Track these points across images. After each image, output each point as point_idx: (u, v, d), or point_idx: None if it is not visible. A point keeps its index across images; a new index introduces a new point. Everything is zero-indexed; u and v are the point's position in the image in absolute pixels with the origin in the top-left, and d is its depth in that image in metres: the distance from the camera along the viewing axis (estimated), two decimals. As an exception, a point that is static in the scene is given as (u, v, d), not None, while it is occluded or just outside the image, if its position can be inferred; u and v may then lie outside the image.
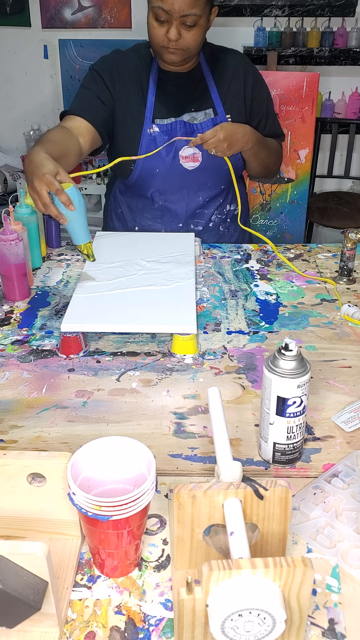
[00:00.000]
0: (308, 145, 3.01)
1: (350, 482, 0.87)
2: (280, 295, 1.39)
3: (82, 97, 1.58)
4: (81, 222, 1.31)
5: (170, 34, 1.41)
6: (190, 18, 1.39)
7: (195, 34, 1.43)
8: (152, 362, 1.15)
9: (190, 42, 1.44)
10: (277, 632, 0.60)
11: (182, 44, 1.44)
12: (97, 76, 1.57)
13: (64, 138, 1.46)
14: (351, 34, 3.34)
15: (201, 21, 1.42)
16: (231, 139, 1.46)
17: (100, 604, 0.71)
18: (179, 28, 1.41)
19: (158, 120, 1.57)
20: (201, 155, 1.58)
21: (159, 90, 1.57)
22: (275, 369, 0.83)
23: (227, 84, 1.59)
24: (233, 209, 1.73)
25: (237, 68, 1.61)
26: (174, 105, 1.57)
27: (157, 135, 1.56)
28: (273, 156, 1.69)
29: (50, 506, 0.75)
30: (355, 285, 1.43)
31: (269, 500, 0.68)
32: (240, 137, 1.49)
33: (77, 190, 1.27)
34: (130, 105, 1.57)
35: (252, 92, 1.62)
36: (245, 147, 1.52)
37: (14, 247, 1.29)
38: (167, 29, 1.42)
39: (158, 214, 1.68)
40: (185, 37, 1.43)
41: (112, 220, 1.79)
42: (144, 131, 1.56)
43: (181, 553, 0.72)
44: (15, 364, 1.15)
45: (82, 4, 3.47)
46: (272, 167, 1.71)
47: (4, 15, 3.52)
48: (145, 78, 1.57)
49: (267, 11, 3.38)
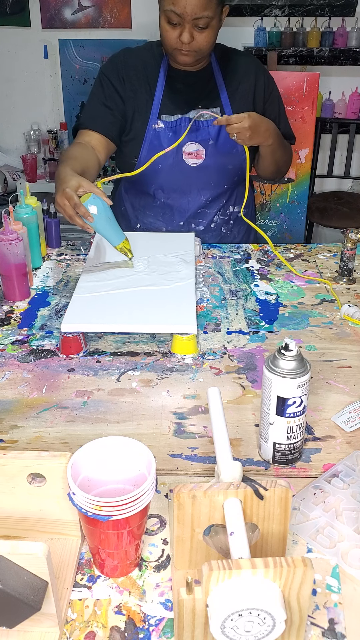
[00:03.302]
0: (308, 145, 3.02)
1: (350, 482, 0.87)
2: (280, 295, 1.39)
3: (91, 108, 1.60)
4: (108, 227, 1.37)
5: (183, 37, 1.41)
6: (202, 20, 1.39)
7: (208, 36, 1.43)
8: (152, 362, 1.15)
9: (202, 44, 1.44)
10: (277, 632, 0.59)
11: (194, 46, 1.44)
12: (105, 80, 1.58)
13: (83, 153, 1.52)
14: (351, 34, 3.34)
15: (213, 22, 1.42)
16: (255, 129, 1.44)
17: (100, 604, 0.71)
18: (191, 31, 1.41)
19: (164, 116, 1.57)
20: (204, 152, 1.58)
21: (167, 87, 1.57)
22: (275, 369, 0.83)
23: (237, 84, 1.59)
24: (237, 210, 1.72)
25: (248, 70, 1.61)
26: (182, 103, 1.58)
27: (162, 131, 1.57)
28: (286, 157, 1.69)
29: (50, 506, 0.75)
30: (355, 285, 1.43)
31: (269, 500, 0.68)
32: (263, 131, 1.48)
33: (98, 199, 1.32)
34: (138, 101, 1.57)
35: (264, 94, 1.62)
36: (265, 141, 1.51)
37: (14, 247, 1.29)
38: (179, 31, 1.41)
39: (160, 211, 1.68)
40: (197, 39, 1.43)
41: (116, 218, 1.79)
42: (148, 126, 1.57)
43: (181, 553, 0.72)
44: (15, 364, 1.15)
45: (82, 4, 3.47)
46: (283, 168, 1.71)
47: (4, 15, 3.52)
48: (155, 74, 1.57)
49: (267, 11, 3.38)
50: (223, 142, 1.58)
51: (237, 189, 1.70)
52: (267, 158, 1.62)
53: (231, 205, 1.71)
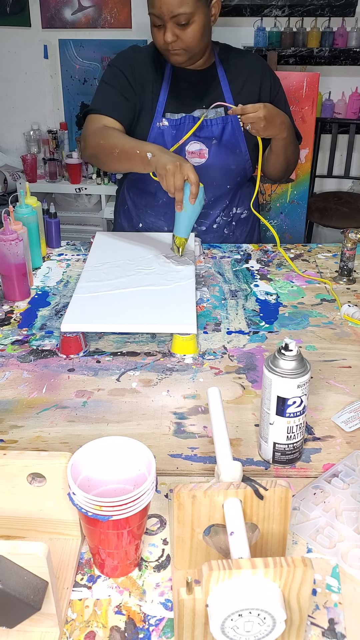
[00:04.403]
0: (308, 145, 3.02)
1: (350, 482, 0.87)
2: (280, 295, 1.39)
3: (106, 95, 1.58)
4: (191, 218, 1.40)
5: (166, 37, 1.43)
6: (182, 17, 1.40)
7: (193, 32, 1.43)
8: (152, 362, 1.15)
9: (188, 41, 1.44)
10: (277, 632, 0.59)
11: (181, 44, 1.44)
12: (118, 72, 1.57)
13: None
14: (351, 34, 3.34)
15: (196, 18, 1.42)
16: (270, 120, 1.43)
17: (100, 604, 0.71)
18: (173, 29, 1.42)
19: (169, 114, 1.58)
20: (208, 152, 1.58)
21: (172, 85, 1.58)
22: (275, 369, 0.83)
23: (241, 85, 1.59)
24: (240, 212, 1.72)
25: (254, 70, 1.61)
26: (186, 101, 1.58)
27: (166, 129, 1.57)
28: (296, 155, 1.68)
29: (50, 506, 0.75)
30: (355, 285, 1.43)
31: (269, 500, 0.68)
32: (278, 123, 1.47)
33: (203, 192, 1.37)
34: (145, 99, 1.58)
35: (270, 94, 1.62)
36: (280, 134, 1.50)
37: (14, 247, 1.29)
38: (164, 32, 1.43)
39: (161, 211, 1.68)
40: (182, 36, 1.43)
41: (119, 217, 1.80)
42: (153, 124, 1.57)
43: (181, 553, 0.72)
44: (15, 364, 1.15)
45: (82, 4, 3.47)
46: (292, 166, 1.69)
47: (4, 15, 3.52)
48: (160, 73, 1.58)
49: (267, 11, 3.38)
50: (226, 142, 1.58)
51: (241, 190, 1.70)
52: (280, 154, 1.60)
53: (234, 207, 1.71)
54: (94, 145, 1.50)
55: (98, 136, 1.50)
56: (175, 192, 1.32)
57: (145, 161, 1.37)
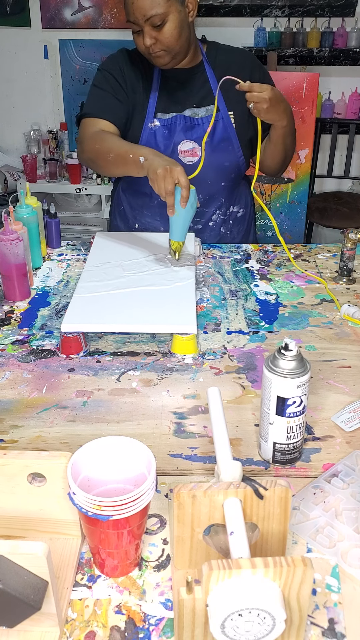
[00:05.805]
0: (308, 146, 3.02)
1: (350, 482, 0.87)
2: (280, 295, 1.39)
3: (99, 98, 1.58)
4: (184, 222, 1.38)
5: (145, 41, 1.44)
6: (155, 18, 1.41)
7: (169, 31, 1.44)
8: (152, 362, 1.16)
9: (166, 41, 1.45)
10: (277, 632, 0.60)
11: (160, 45, 1.45)
12: (108, 75, 1.58)
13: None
14: (351, 34, 3.34)
15: (170, 17, 1.42)
16: (274, 104, 1.42)
17: (101, 603, 0.71)
18: (150, 32, 1.43)
19: (160, 114, 1.58)
20: (200, 150, 1.58)
21: (162, 85, 1.58)
22: (275, 369, 0.83)
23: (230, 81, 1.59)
24: (236, 210, 1.72)
25: (243, 67, 1.60)
26: (177, 101, 1.58)
27: (157, 129, 1.57)
28: (293, 148, 1.67)
29: (51, 506, 0.75)
30: (355, 285, 1.43)
31: (269, 500, 0.68)
32: (281, 110, 1.46)
33: (195, 195, 1.35)
34: (136, 100, 1.58)
35: None
36: (280, 121, 1.49)
37: (14, 247, 1.29)
38: (142, 37, 1.44)
39: (157, 211, 1.68)
40: (159, 38, 1.44)
41: (115, 219, 1.80)
42: (145, 125, 1.58)
43: (181, 553, 0.72)
44: (16, 364, 1.15)
45: (82, 4, 3.47)
46: (288, 158, 1.68)
47: (4, 15, 3.52)
48: (150, 74, 1.59)
49: (267, 11, 3.38)
50: (219, 139, 1.59)
51: (237, 188, 1.70)
52: (279, 143, 1.59)
53: (231, 205, 1.71)
54: (91, 149, 1.51)
55: (94, 140, 1.50)
56: (166, 197, 1.31)
57: (138, 165, 1.37)
